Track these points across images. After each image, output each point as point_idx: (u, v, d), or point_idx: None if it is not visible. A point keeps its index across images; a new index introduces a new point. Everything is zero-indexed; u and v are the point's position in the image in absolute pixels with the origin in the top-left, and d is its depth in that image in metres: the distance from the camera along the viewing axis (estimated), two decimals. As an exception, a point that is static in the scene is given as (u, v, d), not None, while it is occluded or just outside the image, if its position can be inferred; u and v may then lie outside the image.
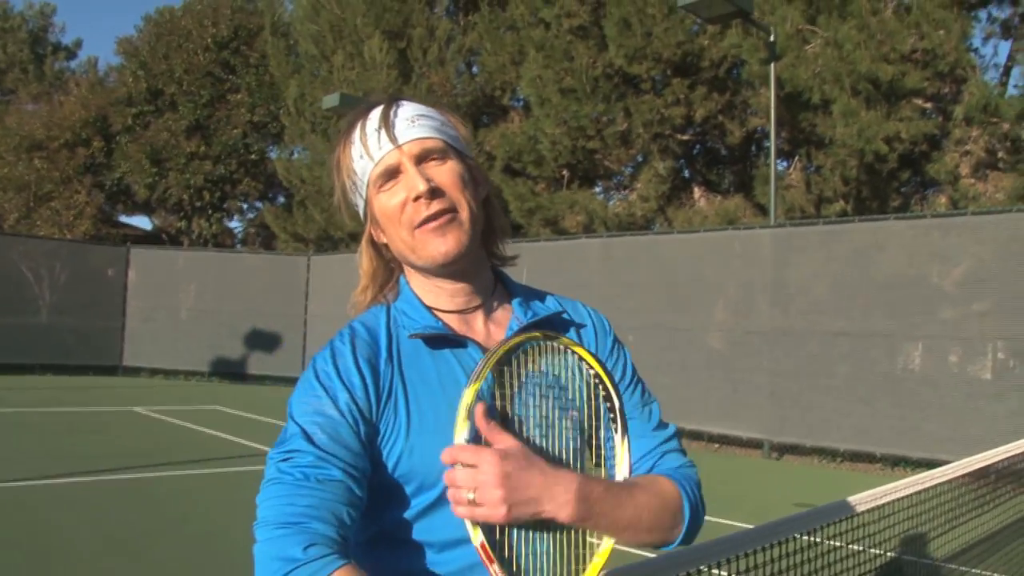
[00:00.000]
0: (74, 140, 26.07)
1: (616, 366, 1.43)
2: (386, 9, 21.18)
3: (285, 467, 1.16)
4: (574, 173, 18.68)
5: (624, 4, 15.02)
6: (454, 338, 1.31)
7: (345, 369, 1.24)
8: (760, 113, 15.23)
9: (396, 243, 1.33)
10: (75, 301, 19.92)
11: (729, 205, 15.93)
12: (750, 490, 9.43)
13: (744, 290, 12.29)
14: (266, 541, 1.10)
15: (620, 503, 1.20)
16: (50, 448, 9.88)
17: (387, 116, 1.31)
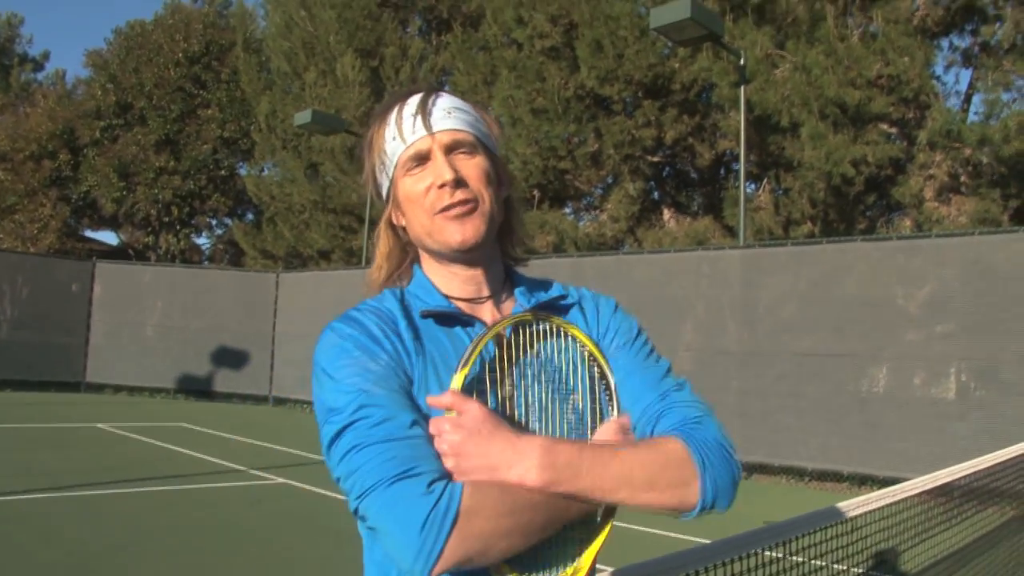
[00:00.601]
0: (40, 152, 25.78)
1: (620, 330, 1.42)
2: (359, 27, 21.25)
3: (361, 430, 1.14)
4: (545, 193, 18.78)
5: (596, 26, 15.18)
6: (464, 317, 1.34)
7: (369, 334, 1.25)
8: (730, 136, 15.41)
9: (415, 226, 1.36)
10: (38, 316, 19.61)
11: (698, 226, 16.07)
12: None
13: (713, 310, 12.39)
14: (388, 503, 1.08)
15: (601, 462, 1.15)
16: (9, 464, 9.70)
17: (425, 103, 1.34)
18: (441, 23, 22.42)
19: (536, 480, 1.11)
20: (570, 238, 17.71)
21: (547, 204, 18.81)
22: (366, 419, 1.15)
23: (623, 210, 17.02)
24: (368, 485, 1.11)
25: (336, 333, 1.27)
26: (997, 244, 10.15)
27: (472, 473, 1.12)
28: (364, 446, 1.13)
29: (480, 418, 1.14)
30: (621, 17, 14.91)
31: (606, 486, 1.15)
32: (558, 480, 1.12)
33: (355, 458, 1.13)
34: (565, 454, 1.14)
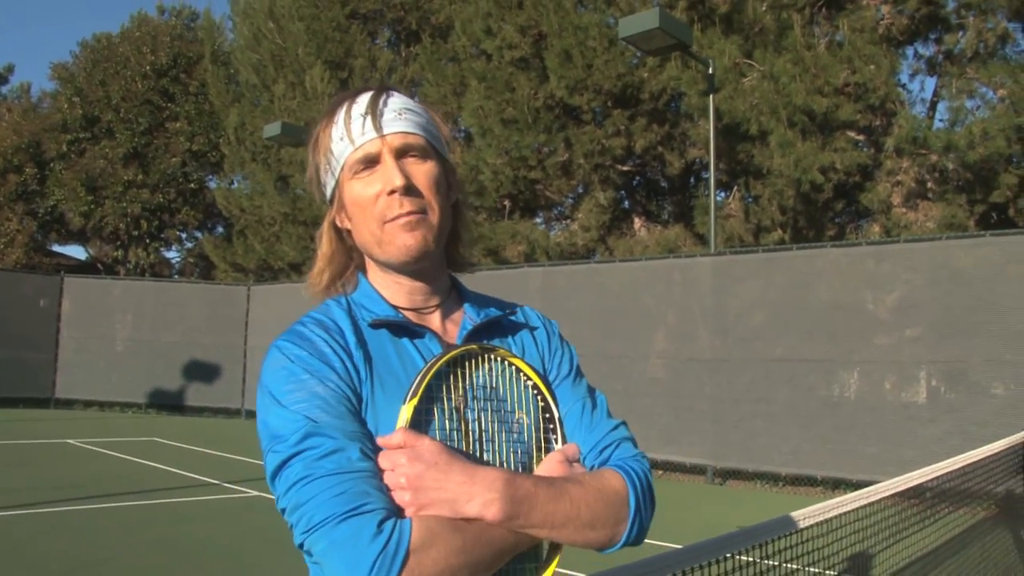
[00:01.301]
0: (5, 167, 25.48)
1: (563, 361, 1.43)
2: (328, 39, 21.20)
3: (308, 462, 1.09)
4: (515, 203, 18.79)
5: (565, 36, 15.23)
6: (413, 328, 1.30)
7: (318, 352, 1.21)
8: (699, 144, 15.51)
9: (362, 233, 1.31)
10: (5, 332, 19.33)
11: (669, 235, 16.15)
12: (693, 514, 9.49)
13: (684, 318, 12.45)
14: (337, 542, 1.04)
15: (553, 498, 1.14)
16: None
17: (375, 103, 1.29)
18: (410, 34, 22.42)
19: (496, 513, 1.09)
20: (541, 248, 17.73)
21: (518, 214, 18.82)
22: (314, 449, 1.11)
23: (594, 219, 17.06)
24: (316, 521, 1.06)
25: (283, 353, 1.22)
26: (964, 248, 10.30)
27: (430, 507, 1.08)
28: (312, 479, 1.09)
29: (436, 450, 1.11)
30: (590, 27, 14.98)
31: (555, 521, 1.14)
32: (516, 514, 1.11)
33: (302, 491, 1.09)
34: (523, 488, 1.12)
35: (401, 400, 1.18)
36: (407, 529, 1.04)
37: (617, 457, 1.31)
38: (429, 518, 1.07)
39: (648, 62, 14.82)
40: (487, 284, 14.48)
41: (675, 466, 12.41)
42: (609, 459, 1.31)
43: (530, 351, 1.40)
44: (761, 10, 13.37)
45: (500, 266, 16.40)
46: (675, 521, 8.53)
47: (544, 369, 1.39)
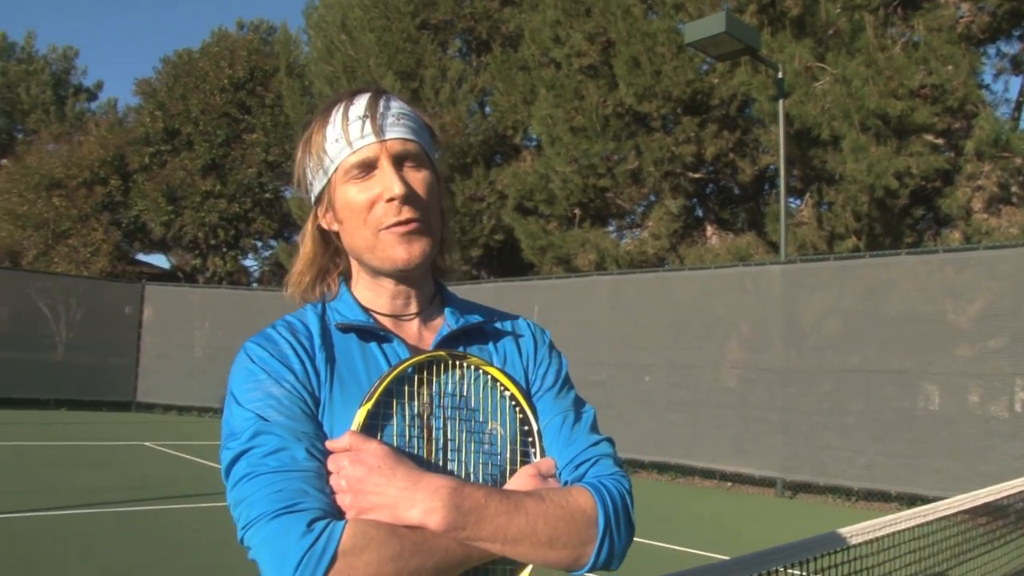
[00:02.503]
0: (92, 179, 26.36)
1: (548, 371, 1.37)
2: (399, 50, 21.43)
3: (253, 459, 1.10)
4: (586, 211, 18.71)
5: (633, 43, 15.12)
6: (380, 333, 1.28)
7: (281, 354, 1.21)
8: (771, 150, 15.22)
9: (354, 238, 1.28)
10: (91, 337, 20.09)
11: (741, 243, 15.88)
12: (761, 529, 9.28)
13: (755, 327, 12.21)
14: (267, 539, 1.03)
15: (506, 511, 1.10)
16: (55, 481, 9.86)
17: (374, 106, 1.27)
18: (480, 44, 22.53)
19: (439, 522, 1.06)
20: (611, 256, 17.60)
21: (589, 222, 18.74)
22: (260, 447, 1.11)
23: (664, 227, 16.88)
24: (252, 517, 1.06)
25: (247, 353, 1.22)
26: (1049, 256, 9.88)
27: (370, 511, 1.06)
28: (254, 475, 1.08)
29: (381, 454, 1.09)
30: (658, 33, 14.83)
31: (508, 536, 1.10)
32: (462, 524, 1.07)
33: (245, 487, 1.09)
34: (472, 498, 1.09)
35: (359, 404, 1.17)
36: (338, 531, 1.02)
37: (593, 474, 1.24)
38: (366, 522, 1.05)
39: (718, 67, 14.62)
40: (556, 293, 14.49)
41: (744, 478, 12.17)
42: (584, 476, 1.24)
43: (513, 360, 1.35)
44: (835, 12, 13.06)
45: (569, 275, 16.34)
46: (742, 535, 8.35)
47: (527, 380, 1.35)
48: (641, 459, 13.27)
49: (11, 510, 7.85)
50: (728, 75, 14.65)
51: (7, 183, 26.52)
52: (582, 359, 14.32)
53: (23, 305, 19.65)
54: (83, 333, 20.17)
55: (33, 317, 19.69)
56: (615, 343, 13.82)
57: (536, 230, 18.88)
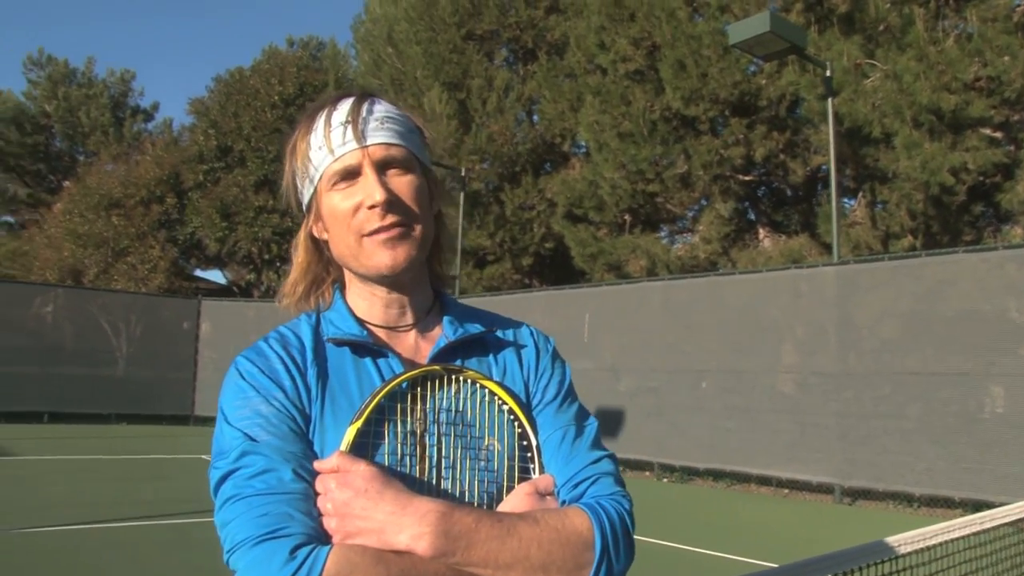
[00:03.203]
0: (149, 197, 26.96)
1: (550, 383, 1.31)
2: (445, 61, 21.54)
3: (240, 480, 1.08)
4: (636, 217, 18.60)
5: (679, 46, 14.99)
6: (374, 348, 1.24)
7: (271, 369, 1.18)
8: (822, 150, 14.96)
9: (339, 246, 1.25)
10: (150, 352, 20.51)
11: (793, 245, 15.62)
12: (818, 536, 9.07)
13: (809, 330, 11.96)
14: (250, 565, 1.01)
15: (497, 535, 1.06)
16: (111, 493, 10.03)
17: (357, 112, 1.23)
18: (527, 53, 22.55)
19: (427, 548, 1.02)
20: (662, 261, 17.46)
21: (639, 228, 18.61)
22: (247, 468, 1.08)
23: (715, 231, 16.69)
24: (236, 541, 1.04)
25: (237, 368, 1.20)
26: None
27: (357, 536, 1.03)
28: (240, 498, 1.06)
29: (368, 476, 1.06)
30: (703, 36, 14.69)
31: (501, 561, 1.06)
32: (452, 550, 1.03)
33: (230, 509, 1.07)
34: (462, 522, 1.05)
35: (349, 421, 1.14)
36: (322, 557, 0.99)
37: (592, 494, 1.19)
38: (351, 547, 1.02)
39: (765, 68, 14.42)
40: (607, 299, 14.37)
41: (801, 485, 11.93)
42: (583, 495, 1.19)
43: (513, 372, 1.30)
44: (884, 7, 12.79)
45: (619, 281, 16.22)
46: (799, 544, 8.17)
47: (528, 392, 1.30)
48: (696, 466, 13.09)
49: (72, 522, 8.00)
50: (776, 75, 14.45)
51: (69, 204, 27.25)
52: (634, 366, 14.19)
53: (86, 322, 20.14)
54: (142, 348, 20.60)
55: (95, 333, 20.17)
56: (667, 350, 13.67)
57: (586, 237, 18.81)
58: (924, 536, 2.84)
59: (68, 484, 10.73)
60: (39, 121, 37.08)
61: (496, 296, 17.64)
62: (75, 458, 13.22)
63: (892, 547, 2.69)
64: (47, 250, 26.87)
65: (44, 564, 6.52)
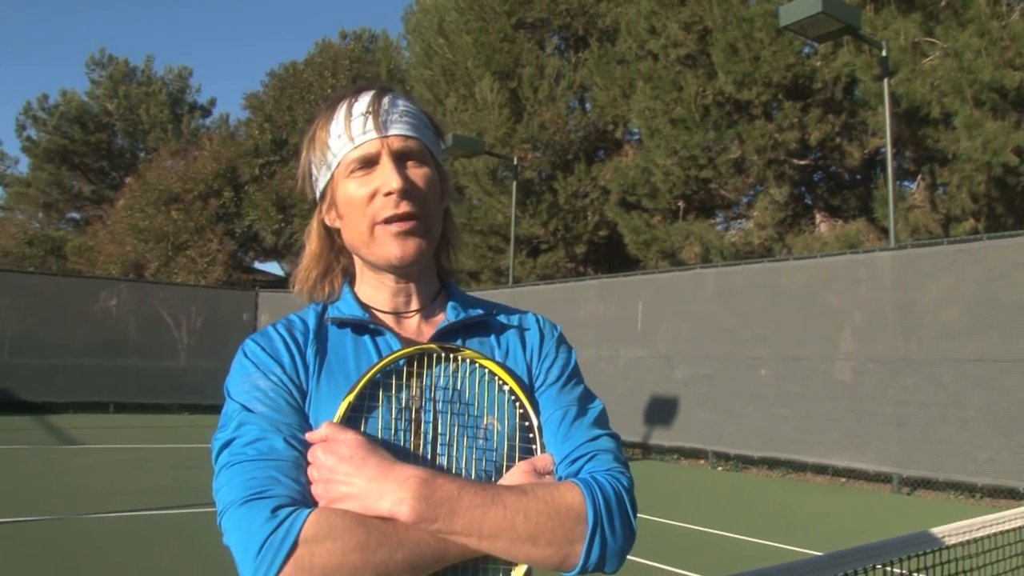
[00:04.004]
0: (207, 191, 27.47)
1: (553, 366, 1.32)
2: (496, 51, 21.51)
3: (235, 448, 1.12)
4: (690, 204, 18.40)
5: (730, 29, 14.76)
6: (373, 327, 1.27)
7: (272, 348, 1.23)
8: (880, 133, 14.61)
9: (352, 233, 1.28)
10: (210, 344, 20.91)
11: (850, 229, 15.31)
12: (875, 527, 8.90)
13: (867, 316, 11.71)
14: (234, 524, 1.05)
15: (481, 504, 1.06)
16: (173, 482, 10.25)
17: (377, 103, 1.26)
18: (578, 40, 22.42)
19: (408, 513, 1.04)
20: (716, 248, 17.26)
21: (693, 215, 18.42)
22: (242, 437, 1.13)
23: (769, 217, 16.44)
24: (225, 503, 1.08)
25: (244, 349, 1.26)
26: None
27: (340, 501, 1.06)
28: (233, 464, 1.11)
29: (354, 444, 1.09)
30: (755, 18, 14.44)
31: (484, 530, 1.06)
32: (433, 516, 1.05)
33: (224, 475, 1.11)
34: (443, 490, 1.06)
35: (341, 392, 1.18)
36: (301, 518, 1.02)
37: (588, 470, 1.18)
38: (331, 511, 1.05)
39: (820, 49, 14.13)
40: (661, 287, 14.27)
41: (858, 474, 11.71)
42: (579, 471, 1.18)
43: (515, 354, 1.32)
44: (945, -16, 12.44)
45: (672, 268, 16.07)
46: (852, 533, 8.03)
47: (531, 374, 1.31)
48: (750, 455, 12.94)
49: (135, 508, 8.21)
50: (831, 56, 14.16)
51: (131, 200, 27.91)
52: (688, 354, 14.06)
53: (148, 314, 20.63)
54: (203, 340, 21.02)
55: (157, 326, 20.65)
56: (722, 337, 13.51)
57: (640, 224, 18.67)
58: (971, 528, 2.76)
59: (132, 472, 11.00)
60: (101, 119, 38.03)
61: (549, 284, 17.60)
62: (139, 447, 13.55)
63: (937, 538, 2.62)
64: (110, 245, 27.57)
65: (108, 549, 6.71)
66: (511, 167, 19.81)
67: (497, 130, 20.83)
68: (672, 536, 7.98)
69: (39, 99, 38.47)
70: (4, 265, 28.03)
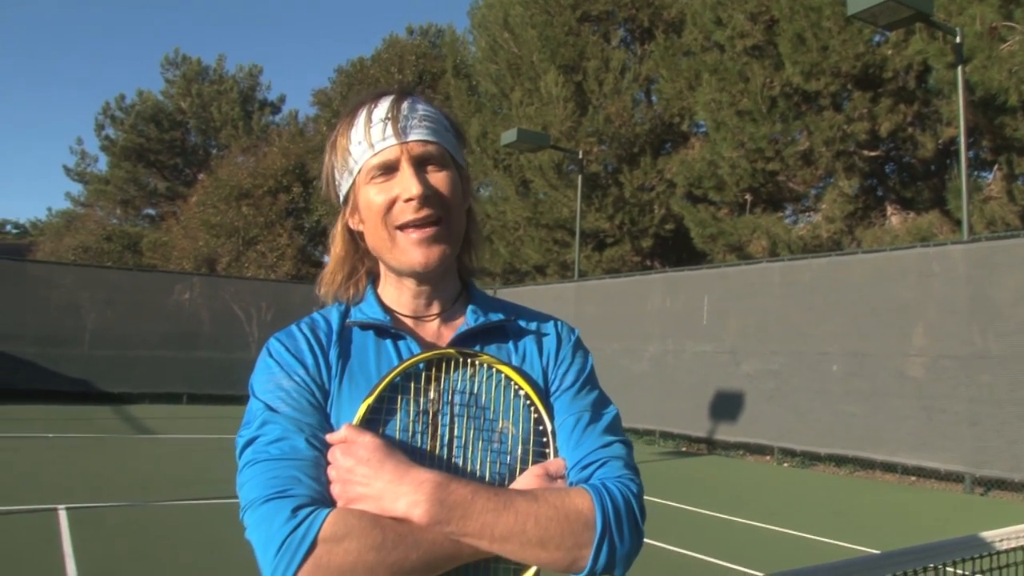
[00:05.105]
0: (276, 187, 27.97)
1: (569, 371, 1.34)
2: (561, 44, 21.45)
3: (258, 446, 1.16)
4: (758, 196, 18.13)
5: (797, 19, 14.48)
6: (395, 331, 1.30)
7: (296, 348, 1.27)
8: (954, 122, 14.20)
9: (374, 238, 1.30)
10: (280, 337, 21.26)
11: (922, 222, 14.92)
12: (944, 528, 8.68)
13: (939, 311, 11.40)
14: (256, 522, 1.09)
15: (493, 508, 1.09)
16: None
17: (396, 109, 1.28)
18: (644, 32, 22.23)
19: (422, 515, 1.08)
20: (783, 242, 16.98)
21: (761, 208, 18.14)
22: (265, 436, 1.17)
23: (838, 209, 16.10)
24: (248, 500, 1.12)
25: (268, 348, 1.29)
26: None
27: (358, 501, 1.10)
28: (256, 462, 1.14)
29: (372, 447, 1.12)
30: (823, 7, 14.13)
31: (496, 533, 1.10)
32: (446, 519, 1.08)
33: (247, 472, 1.15)
34: (458, 493, 1.10)
35: (361, 394, 1.21)
36: (320, 518, 1.06)
37: (599, 476, 1.20)
38: (349, 511, 1.08)
39: (891, 38, 13.78)
40: (727, 281, 14.09)
41: (928, 472, 11.43)
42: (590, 477, 1.21)
43: (532, 359, 1.34)
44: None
45: (739, 262, 15.85)
46: (918, 533, 7.84)
47: (547, 379, 1.33)
48: (817, 451, 12.72)
49: (205, 496, 8.44)
50: (902, 44, 13.79)
51: (203, 196, 28.57)
52: (754, 349, 13.88)
53: (220, 308, 21.13)
54: (272, 333, 21.26)
55: (229, 319, 21.13)
56: (788, 332, 13.30)
57: (706, 218, 18.46)
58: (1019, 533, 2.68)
59: (203, 461, 11.29)
60: (175, 118, 39.00)
61: (615, 279, 17.51)
62: (210, 437, 13.89)
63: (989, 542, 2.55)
64: (184, 240, 28.26)
65: (179, 535, 6.90)
66: (576, 161, 19.76)
67: (562, 124, 20.78)
68: (734, 533, 7.91)
69: (117, 99, 39.70)
70: (84, 260, 28.94)
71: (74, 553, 6.05)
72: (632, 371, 15.95)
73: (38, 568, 5.71)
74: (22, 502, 7.79)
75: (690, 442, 15.15)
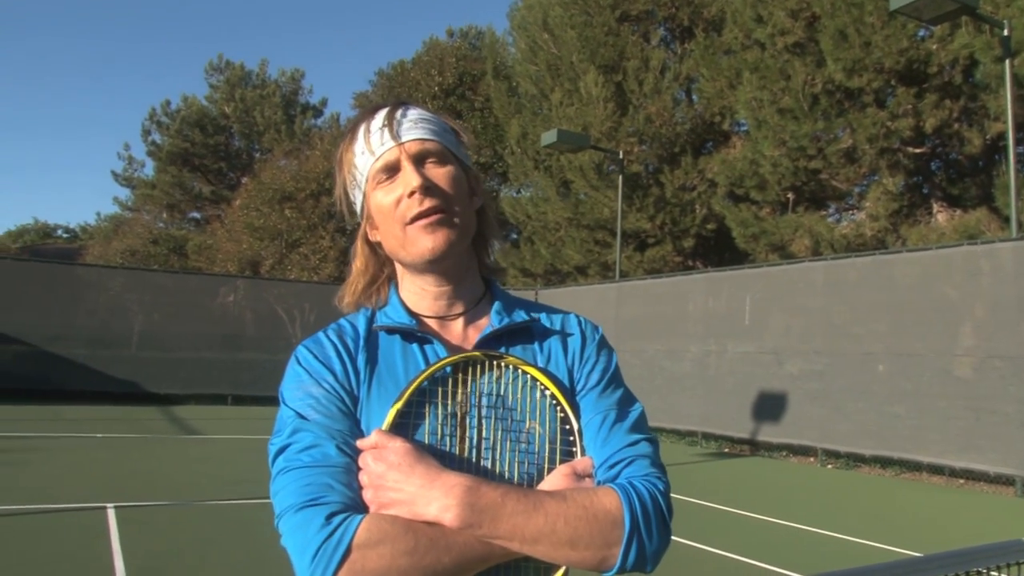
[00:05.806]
0: (318, 190, 28.18)
1: (594, 370, 1.36)
2: (600, 44, 21.41)
3: (290, 454, 1.19)
4: (800, 195, 17.94)
5: (839, 15, 14.31)
6: (421, 335, 1.32)
7: (324, 355, 1.29)
8: (1002, 117, 13.94)
9: (389, 239, 1.34)
10: (322, 338, 21.48)
11: (969, 220, 14.66)
12: (992, 532, 8.52)
13: (988, 310, 11.19)
14: (291, 529, 1.12)
15: (523, 510, 1.11)
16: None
17: (391, 116, 1.33)
18: (683, 31, 22.12)
19: (454, 519, 1.09)
20: (826, 241, 16.78)
21: (803, 206, 17.95)
22: (296, 443, 1.19)
23: (882, 207, 15.88)
24: (282, 508, 1.14)
25: (296, 356, 1.31)
26: None
27: (390, 507, 1.11)
28: (289, 469, 1.17)
29: (402, 452, 1.14)
30: (865, 2, 13.95)
31: (527, 535, 1.11)
32: (478, 522, 1.10)
33: (280, 480, 1.17)
34: (488, 496, 1.11)
35: (390, 399, 1.23)
36: (354, 525, 1.08)
37: (626, 475, 1.22)
38: (382, 517, 1.10)
39: (936, 32, 13.56)
40: (770, 281, 13.94)
41: (977, 475, 11.22)
42: (617, 476, 1.22)
43: (557, 359, 1.35)
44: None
45: (781, 262, 15.70)
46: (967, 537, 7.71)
47: (572, 378, 1.34)
48: (862, 453, 12.55)
49: (249, 496, 8.53)
50: (948, 39, 13.57)
51: (247, 199, 28.90)
52: (797, 349, 13.74)
53: (264, 310, 21.39)
54: (315, 335, 21.62)
55: (272, 321, 21.37)
56: (832, 331, 13.14)
57: (748, 217, 18.31)
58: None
59: (248, 461, 11.41)
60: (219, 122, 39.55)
61: (656, 279, 17.43)
62: (254, 438, 14.05)
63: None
64: (228, 243, 28.61)
65: (225, 534, 7.01)
66: (617, 161, 19.72)
67: (602, 124, 20.75)
68: (776, 535, 7.84)
69: (162, 105, 40.38)
70: (131, 263, 29.45)
71: (122, 551, 6.17)
72: (674, 372, 15.87)
73: (88, 565, 5.83)
74: (73, 501, 7.97)
75: (733, 443, 15.04)
